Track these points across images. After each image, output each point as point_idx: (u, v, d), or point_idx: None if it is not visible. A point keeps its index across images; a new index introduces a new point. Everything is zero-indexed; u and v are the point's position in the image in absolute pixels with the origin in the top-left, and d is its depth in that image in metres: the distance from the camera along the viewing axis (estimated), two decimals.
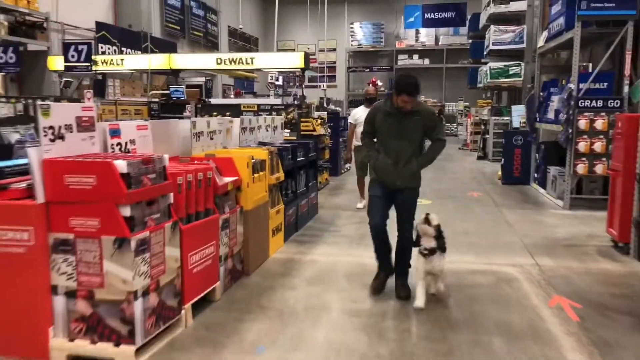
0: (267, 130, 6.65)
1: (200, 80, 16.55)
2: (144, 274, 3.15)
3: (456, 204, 8.38)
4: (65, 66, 8.18)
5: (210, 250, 4.01)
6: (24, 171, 4.50)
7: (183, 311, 3.61)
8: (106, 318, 3.11)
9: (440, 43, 27.78)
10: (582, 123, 7.66)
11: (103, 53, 12.95)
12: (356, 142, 7.49)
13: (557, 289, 4.45)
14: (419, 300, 3.96)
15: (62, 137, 3.24)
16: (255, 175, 4.92)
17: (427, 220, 4.01)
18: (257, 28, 28.02)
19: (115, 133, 3.75)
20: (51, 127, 3.16)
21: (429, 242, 4.00)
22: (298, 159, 6.45)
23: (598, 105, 7.62)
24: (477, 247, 5.81)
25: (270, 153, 5.42)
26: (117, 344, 3.10)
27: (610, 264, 5.19)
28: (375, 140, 4.36)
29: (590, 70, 8.72)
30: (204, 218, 3.95)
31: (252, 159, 4.87)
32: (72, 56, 7.99)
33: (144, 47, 15.11)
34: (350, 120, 8.17)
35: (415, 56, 28.32)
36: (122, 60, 11.45)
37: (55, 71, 12.27)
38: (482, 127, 16.95)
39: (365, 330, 3.63)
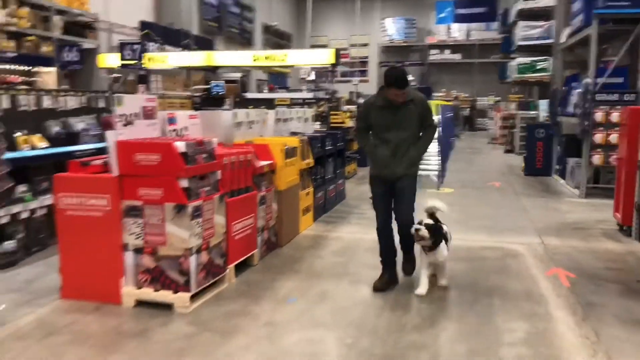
0: (299, 122, 7.29)
1: (236, 75, 17.36)
2: (197, 235, 3.84)
3: (477, 193, 8.86)
4: (122, 63, 9.03)
5: (249, 221, 4.69)
6: (90, 154, 5.29)
7: (228, 270, 4.30)
8: (167, 270, 3.81)
9: (471, 38, 27.93)
10: (599, 115, 8.04)
11: (146, 50, 13.85)
12: None
13: (557, 262, 4.96)
14: (421, 288, 4.11)
15: (131, 123, 3.96)
16: (288, 160, 5.58)
17: (419, 237, 4.05)
18: (290, 24, 28.71)
19: (172, 121, 4.47)
20: (123, 115, 3.88)
21: (427, 242, 4.08)
22: (327, 148, 7.07)
23: (614, 99, 7.99)
24: (491, 228, 6.33)
25: (302, 141, 6.07)
26: (175, 292, 3.81)
27: (612, 244, 5.65)
28: (370, 135, 4.37)
29: None
30: (244, 194, 4.63)
31: (285, 145, 5.53)
32: (128, 54, 8.82)
33: (184, 44, 15.99)
34: None
35: (447, 51, 28.54)
36: (165, 57, 12.27)
37: (104, 68, 13.24)
38: (511, 121, 17.23)
39: (361, 299, 4.19)
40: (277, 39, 26.13)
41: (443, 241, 4.17)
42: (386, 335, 3.43)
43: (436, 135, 9.62)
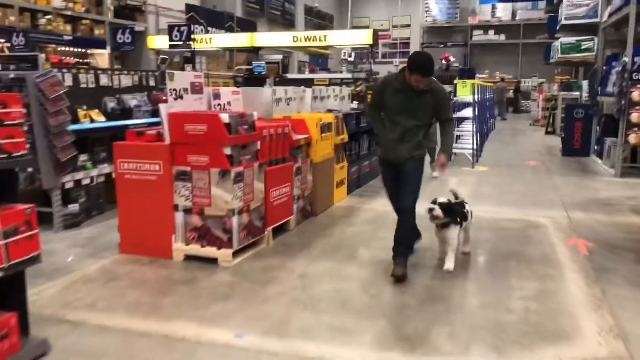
0: (335, 100, 7.63)
1: (278, 57, 17.77)
2: (239, 198, 4.27)
3: (511, 171, 9.01)
4: (170, 44, 9.56)
5: (286, 189, 5.10)
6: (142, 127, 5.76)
7: (266, 232, 4.74)
8: (212, 229, 4.27)
9: (517, 18, 27.35)
10: (636, 95, 8.03)
11: (193, 33, 14.40)
12: None
13: (578, 233, 5.17)
14: (448, 264, 4.13)
15: (181, 97, 4.40)
16: (323, 134, 5.95)
17: (433, 216, 4.04)
18: (332, 5, 28.79)
19: (216, 96, 4.90)
20: (174, 90, 4.33)
21: (442, 221, 4.07)
22: (361, 125, 7.39)
23: None
24: (519, 203, 6.54)
25: (336, 117, 6.42)
26: (219, 248, 4.26)
27: (637, 218, 5.79)
28: (381, 114, 4.22)
29: None
30: (281, 164, 5.04)
31: (321, 121, 5.90)
32: (176, 36, 9.34)
33: (227, 27, 16.49)
34: None
35: (491, 31, 28.07)
36: (210, 39, 12.77)
37: (152, 49, 13.89)
38: (553, 102, 17.00)
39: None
40: (319, 21, 26.33)
41: (458, 221, 4.13)
42: (406, 289, 3.79)
43: (471, 114, 9.85)
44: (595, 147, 10.38)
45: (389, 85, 4.09)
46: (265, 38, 12.59)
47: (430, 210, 4.03)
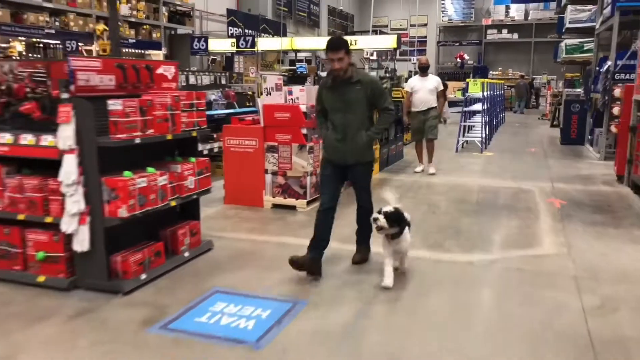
0: None
1: (303, 56, 19.56)
2: (311, 164, 6.10)
3: (513, 155, 10.74)
4: (237, 50, 11.39)
5: None
6: (220, 118, 7.60)
7: None
8: (292, 185, 6.10)
9: (529, 18, 28.81)
10: (617, 92, 9.68)
11: (232, 35, 16.26)
12: (413, 108, 8.61)
13: (557, 196, 6.92)
14: (387, 280, 3.90)
15: (270, 94, 6.24)
16: None
17: (378, 227, 3.92)
18: (353, 6, 30.50)
19: (290, 92, 6.72)
20: (266, 88, 6.16)
21: (388, 231, 3.95)
22: None
23: (631, 78, 9.60)
24: (516, 177, 8.29)
25: None
26: (297, 199, 6.09)
27: (605, 187, 7.51)
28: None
29: None
30: None
31: None
32: (242, 44, 11.18)
33: (261, 29, 18.33)
34: (406, 88, 9.37)
35: (504, 30, 29.56)
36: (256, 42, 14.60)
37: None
38: (558, 98, 18.60)
39: (419, 208, 6.35)
40: (341, 21, 28.07)
41: (407, 228, 4.06)
42: (421, 222, 5.59)
43: (480, 108, 11.59)
44: (589, 136, 12.04)
45: (323, 87, 4.19)
46: (303, 42, 14.42)
47: (375, 220, 3.90)
